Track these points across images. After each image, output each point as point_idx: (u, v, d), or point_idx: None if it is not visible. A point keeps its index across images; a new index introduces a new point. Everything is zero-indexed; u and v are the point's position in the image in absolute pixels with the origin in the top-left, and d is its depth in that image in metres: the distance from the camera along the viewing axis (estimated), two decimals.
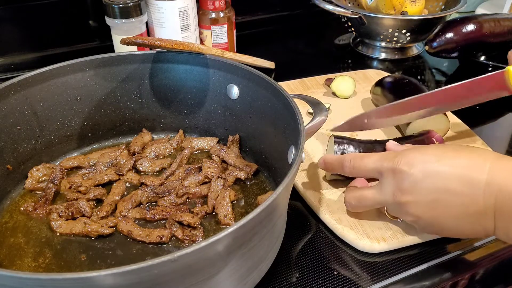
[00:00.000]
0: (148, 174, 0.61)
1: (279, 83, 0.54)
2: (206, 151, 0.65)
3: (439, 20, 0.90)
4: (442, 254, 0.52)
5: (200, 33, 0.89)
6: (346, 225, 0.54)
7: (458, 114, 0.72)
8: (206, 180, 0.59)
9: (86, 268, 0.48)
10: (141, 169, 0.61)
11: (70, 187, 0.58)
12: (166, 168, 0.61)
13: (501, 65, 0.69)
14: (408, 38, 0.93)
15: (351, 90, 0.78)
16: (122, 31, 0.78)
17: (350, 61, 0.99)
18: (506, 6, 1.05)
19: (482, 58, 0.90)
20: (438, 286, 0.49)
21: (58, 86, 0.59)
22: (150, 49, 0.62)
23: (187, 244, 0.51)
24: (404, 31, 0.91)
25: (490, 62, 0.89)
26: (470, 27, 0.83)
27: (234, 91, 0.61)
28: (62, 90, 0.60)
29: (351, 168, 0.51)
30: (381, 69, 0.92)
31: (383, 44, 0.97)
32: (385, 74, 0.85)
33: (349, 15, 0.92)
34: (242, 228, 0.36)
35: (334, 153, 0.58)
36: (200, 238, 0.51)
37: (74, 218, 0.54)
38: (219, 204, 0.54)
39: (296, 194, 0.60)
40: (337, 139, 0.59)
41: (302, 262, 0.51)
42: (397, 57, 0.98)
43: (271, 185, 0.59)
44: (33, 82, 0.57)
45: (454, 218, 0.45)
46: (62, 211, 0.54)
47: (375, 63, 0.97)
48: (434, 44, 0.85)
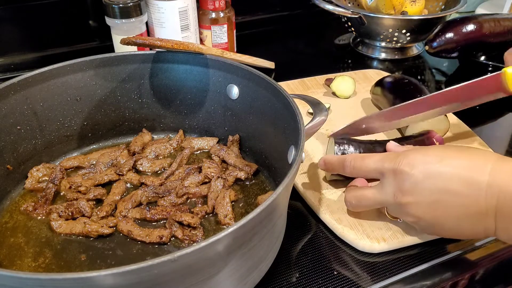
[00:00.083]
0: (148, 174, 0.61)
1: (279, 83, 0.54)
2: (206, 151, 0.65)
3: (439, 20, 0.90)
4: (442, 254, 0.52)
5: (200, 33, 0.89)
6: (346, 225, 0.54)
7: (458, 114, 0.72)
8: (206, 180, 0.59)
9: (86, 268, 0.48)
10: (141, 169, 0.61)
11: (70, 187, 0.58)
12: (166, 168, 0.61)
13: (501, 65, 0.69)
14: (408, 38, 0.93)
15: (351, 90, 0.78)
16: (122, 31, 0.78)
17: (350, 61, 0.99)
18: (506, 6, 1.05)
19: (482, 58, 0.90)
20: (438, 286, 0.49)
21: (58, 86, 0.59)
22: (150, 49, 0.62)
23: (187, 244, 0.51)
24: (404, 31, 0.91)
25: (490, 62, 0.89)
26: (470, 27, 0.83)
27: (234, 91, 0.61)
28: (62, 90, 0.60)
29: (352, 168, 0.51)
30: (381, 69, 0.92)
31: (383, 44, 0.97)
32: (385, 74, 0.85)
33: (349, 15, 0.92)
34: (242, 228, 0.36)
35: (334, 153, 0.58)
36: (200, 238, 0.51)
37: (74, 218, 0.54)
38: (219, 204, 0.54)
39: (296, 194, 0.60)
40: (337, 140, 0.59)
41: (302, 262, 0.51)
42: (397, 57, 0.98)
43: (271, 185, 0.59)
44: (33, 82, 0.57)
45: (454, 219, 0.45)
46: (62, 211, 0.54)
47: (375, 63, 0.97)
48: (434, 44, 0.85)
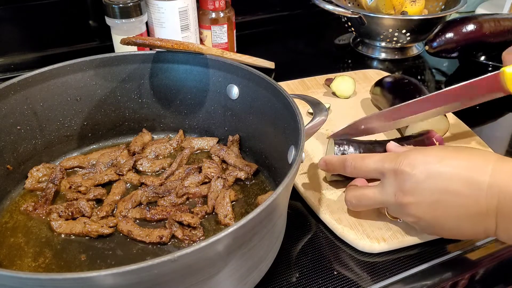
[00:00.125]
0: (148, 174, 0.61)
1: (279, 83, 0.54)
2: (206, 151, 0.65)
3: (439, 20, 0.90)
4: (442, 254, 0.52)
5: (200, 33, 0.89)
6: (346, 225, 0.54)
7: (458, 114, 0.72)
8: (206, 180, 0.59)
9: (86, 268, 0.48)
10: (141, 169, 0.61)
11: (70, 187, 0.58)
12: (166, 168, 0.61)
13: (501, 65, 0.70)
14: (408, 38, 0.93)
15: (351, 90, 0.78)
16: (122, 31, 0.78)
17: (350, 61, 0.99)
18: (506, 6, 1.05)
19: (482, 58, 0.90)
20: (438, 286, 0.49)
21: (58, 86, 0.59)
22: (150, 49, 0.62)
23: (187, 244, 0.51)
24: (404, 31, 0.91)
25: (490, 62, 0.89)
26: (470, 27, 0.83)
27: (234, 91, 0.61)
28: (62, 90, 0.60)
29: (353, 168, 0.51)
30: (381, 69, 0.92)
31: (383, 44, 0.97)
32: (385, 74, 0.85)
33: (349, 15, 0.92)
34: (242, 228, 0.36)
35: (334, 154, 0.58)
36: (200, 238, 0.51)
37: (74, 218, 0.54)
38: (219, 204, 0.54)
39: (296, 194, 0.60)
40: (337, 141, 0.59)
41: (302, 262, 0.51)
42: (397, 57, 0.98)
43: (271, 185, 0.59)
44: (33, 82, 0.57)
45: (455, 219, 0.45)
46: (62, 211, 0.54)
47: (375, 63, 0.97)
48: (434, 44, 0.85)
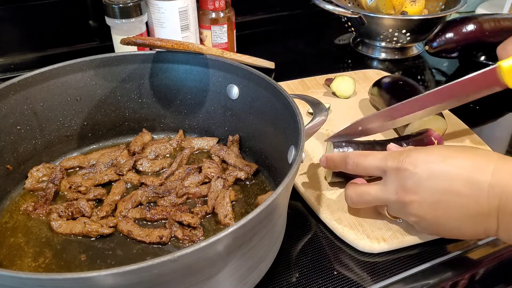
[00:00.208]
0: (148, 174, 0.61)
1: (279, 83, 0.54)
2: (206, 151, 0.65)
3: (439, 20, 0.90)
4: (442, 254, 0.52)
5: (200, 33, 0.89)
6: (346, 225, 0.54)
7: (458, 114, 0.72)
8: (206, 180, 0.59)
9: (86, 268, 0.48)
10: (141, 169, 0.61)
11: (70, 187, 0.58)
12: (166, 168, 0.61)
13: None
14: (408, 38, 0.93)
15: (351, 90, 0.78)
16: (122, 31, 0.78)
17: (350, 61, 0.99)
18: (506, 6, 1.05)
19: (482, 58, 0.90)
20: (438, 286, 0.49)
21: (58, 86, 0.59)
22: (150, 49, 0.62)
23: (187, 244, 0.51)
24: (404, 31, 0.91)
25: (490, 62, 0.89)
26: (470, 27, 0.83)
27: (234, 91, 0.61)
28: (62, 90, 0.60)
29: (355, 165, 0.51)
30: (381, 69, 0.92)
31: (383, 44, 0.97)
32: (385, 74, 0.85)
33: (349, 15, 0.92)
34: (242, 228, 0.36)
35: None
36: (200, 238, 0.51)
37: (74, 218, 0.54)
38: (219, 204, 0.54)
39: (296, 194, 0.60)
40: (335, 143, 0.59)
41: (302, 262, 0.51)
42: (397, 57, 0.98)
43: (271, 185, 0.59)
44: (33, 82, 0.57)
45: (456, 219, 0.45)
46: (62, 211, 0.54)
47: (375, 63, 0.97)
48: (434, 44, 0.85)
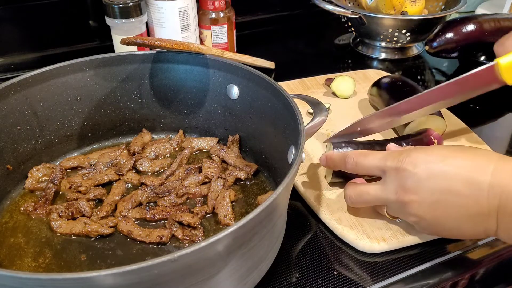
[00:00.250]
0: (148, 174, 0.61)
1: (279, 83, 0.54)
2: (206, 151, 0.65)
3: (439, 20, 0.90)
4: (442, 254, 0.52)
5: (200, 33, 0.89)
6: (346, 225, 0.54)
7: (457, 114, 0.72)
8: (206, 180, 0.59)
9: (86, 268, 0.48)
10: (141, 169, 0.61)
11: (70, 187, 0.58)
12: (166, 168, 0.61)
13: None
14: (408, 38, 0.93)
15: (351, 90, 0.78)
16: (122, 31, 0.78)
17: (350, 61, 0.99)
18: (506, 6, 1.05)
19: (482, 58, 0.90)
20: (438, 286, 0.49)
21: (58, 86, 0.59)
22: (150, 49, 0.62)
23: (187, 244, 0.51)
24: (404, 31, 0.91)
25: (490, 62, 0.89)
26: (470, 27, 0.83)
27: (234, 91, 0.61)
28: (62, 90, 0.60)
29: (354, 164, 0.51)
30: (381, 69, 0.92)
31: (383, 44, 0.97)
32: (385, 74, 0.85)
33: (349, 15, 0.92)
34: (242, 228, 0.36)
35: None
36: (200, 238, 0.51)
37: (74, 218, 0.54)
38: (219, 204, 0.54)
39: (296, 194, 0.60)
40: (335, 143, 0.59)
41: (302, 262, 0.51)
42: (397, 57, 0.98)
43: (271, 185, 0.59)
44: (33, 82, 0.57)
45: (455, 219, 0.45)
46: (62, 211, 0.54)
47: (375, 63, 0.97)
48: (434, 44, 0.85)
